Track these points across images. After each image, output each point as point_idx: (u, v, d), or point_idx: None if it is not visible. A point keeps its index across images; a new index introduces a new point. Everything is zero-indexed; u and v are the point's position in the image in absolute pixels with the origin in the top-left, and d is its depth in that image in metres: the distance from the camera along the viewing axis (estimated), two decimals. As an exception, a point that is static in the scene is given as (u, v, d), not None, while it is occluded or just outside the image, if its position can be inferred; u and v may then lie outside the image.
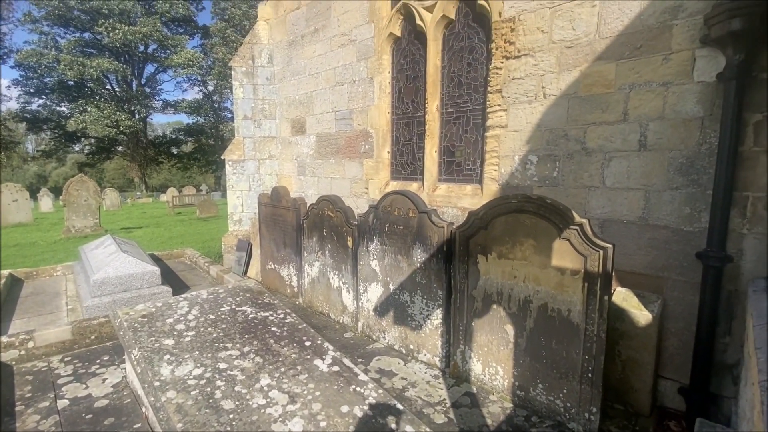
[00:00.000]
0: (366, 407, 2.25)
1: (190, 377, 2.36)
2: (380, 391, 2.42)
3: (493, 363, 2.89)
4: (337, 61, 4.80)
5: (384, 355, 3.52)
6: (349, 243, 3.98)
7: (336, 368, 2.60)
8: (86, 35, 33.15)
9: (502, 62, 3.29)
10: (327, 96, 5.02)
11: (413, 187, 4.20)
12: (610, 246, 2.24)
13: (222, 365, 2.49)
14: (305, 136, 5.48)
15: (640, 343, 2.62)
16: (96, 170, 49.23)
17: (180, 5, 33.40)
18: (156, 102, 38.87)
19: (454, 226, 3.05)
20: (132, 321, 2.85)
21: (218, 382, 2.33)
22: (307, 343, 2.85)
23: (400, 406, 2.22)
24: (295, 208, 4.65)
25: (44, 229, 12.24)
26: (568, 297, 2.46)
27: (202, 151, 44.15)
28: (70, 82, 32.00)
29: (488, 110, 3.42)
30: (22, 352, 3.20)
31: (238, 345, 2.72)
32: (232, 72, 5.88)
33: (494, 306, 2.84)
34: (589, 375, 2.39)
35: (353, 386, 2.43)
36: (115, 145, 38.23)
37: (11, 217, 12.94)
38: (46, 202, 20.05)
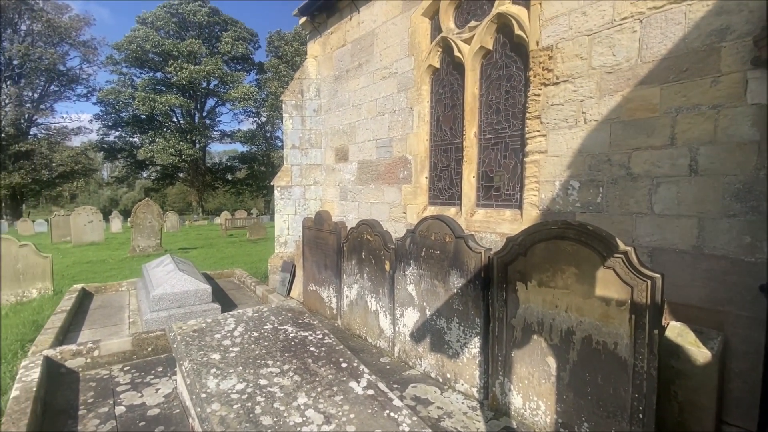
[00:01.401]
0: (399, 433, 2.24)
1: (234, 391, 2.48)
2: (414, 418, 2.40)
3: (534, 397, 2.76)
4: (378, 93, 5.03)
5: (420, 383, 3.48)
6: (387, 266, 4.04)
7: (371, 392, 2.62)
8: (158, 74, 37.09)
9: (541, 89, 3.31)
10: (369, 125, 5.25)
11: (451, 212, 4.22)
12: (659, 276, 2.12)
13: (263, 381, 2.60)
14: (348, 163, 5.72)
15: (698, 383, 2.40)
16: (160, 195, 53.74)
17: (240, 45, 36.57)
18: (214, 132, 42.15)
19: (491, 252, 3.03)
20: (184, 335, 3.07)
21: (258, 398, 2.43)
22: (344, 365, 2.90)
23: (434, 435, 2.18)
24: (336, 232, 4.82)
25: (113, 248, 13.47)
26: (614, 329, 2.33)
27: (254, 177, 46.88)
28: (142, 116, 35.70)
29: (527, 136, 3.42)
30: (88, 360, 3.52)
31: (278, 363, 2.83)
32: (283, 105, 6.33)
33: (535, 336, 2.75)
34: (640, 416, 2.22)
35: (387, 411, 2.43)
36: (178, 171, 41.62)
37: (86, 236, 14.38)
38: (116, 223, 22.06)
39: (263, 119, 44.57)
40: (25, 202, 33.63)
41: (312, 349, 3.08)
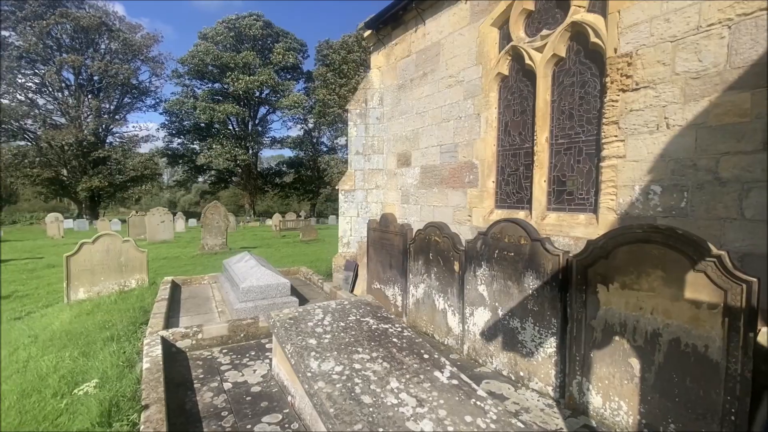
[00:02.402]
0: (488, 420, 2.42)
1: (334, 372, 2.78)
2: (499, 408, 2.57)
3: (615, 397, 2.82)
4: (444, 100, 5.24)
5: (492, 379, 3.61)
6: (456, 267, 4.22)
7: (455, 381, 2.81)
8: (216, 85, 39.74)
9: (619, 95, 3.36)
10: (433, 132, 5.47)
11: (520, 215, 4.32)
12: (755, 280, 2.15)
13: (357, 366, 2.88)
14: (410, 168, 5.97)
15: (797, 390, 2.36)
16: (214, 197, 57.37)
17: (290, 55, 38.33)
18: (265, 139, 44.35)
19: (570, 255, 3.12)
20: (282, 322, 3.44)
21: (356, 380, 2.71)
22: (426, 356, 3.12)
23: (521, 424, 2.35)
24: (402, 233, 5.07)
25: (182, 246, 14.69)
26: (705, 332, 2.37)
27: (300, 182, 48.71)
28: (202, 124, 38.39)
29: (603, 141, 3.48)
30: (194, 342, 4.01)
31: (367, 350, 3.11)
32: (348, 114, 6.72)
33: (616, 338, 2.81)
34: (732, 418, 2.24)
35: (473, 400, 2.61)
36: (232, 176, 44.21)
37: (158, 235, 15.77)
38: (179, 223, 23.92)
39: (310, 126, 46.29)
40: (102, 203, 37.24)
41: (395, 340, 3.33)
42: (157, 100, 38.42)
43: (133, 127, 40.27)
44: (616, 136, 3.39)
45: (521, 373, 3.52)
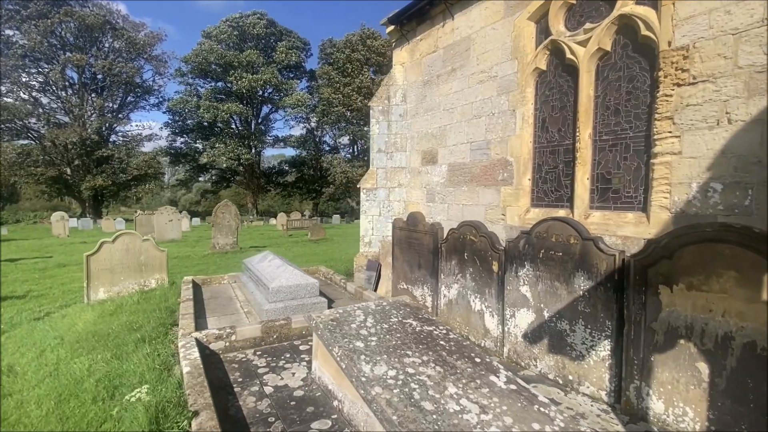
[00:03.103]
0: (556, 428, 2.31)
1: (388, 377, 2.67)
2: (564, 414, 2.47)
3: (680, 403, 2.71)
4: (474, 96, 5.12)
5: (539, 383, 3.50)
6: (495, 267, 4.11)
7: (513, 386, 2.70)
8: (219, 84, 39.59)
9: (673, 89, 3.25)
10: (462, 128, 5.35)
11: (560, 213, 4.21)
12: None
13: (410, 370, 2.77)
14: (436, 165, 5.85)
15: None
16: (215, 196, 57.18)
17: (293, 54, 38.18)
18: (268, 138, 44.20)
19: (627, 255, 3.01)
20: (325, 324, 3.32)
21: (413, 385, 2.60)
22: (477, 360, 3.00)
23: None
24: (433, 233, 4.96)
25: (191, 245, 14.58)
26: (787, 336, 2.25)
27: (303, 181, 48.57)
28: (205, 123, 38.24)
29: (655, 137, 3.36)
30: (227, 344, 3.90)
31: (416, 354, 3.00)
32: (371, 111, 6.60)
33: (681, 341, 2.70)
34: (822, 426, 2.13)
35: (536, 406, 2.50)
36: (234, 175, 44.07)
37: (167, 234, 15.66)
38: (185, 222, 23.79)
39: (313, 124, 46.12)
40: (105, 202, 37.13)
41: (442, 342, 3.22)
42: (161, 99, 38.31)
43: (136, 126, 40.14)
44: (670, 131, 3.27)
45: (570, 376, 3.41)
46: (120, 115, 36.22)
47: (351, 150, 47.78)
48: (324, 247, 13.68)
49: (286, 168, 49.85)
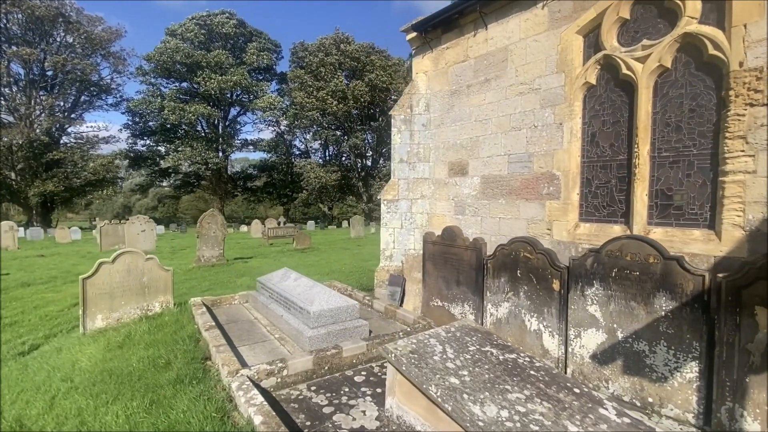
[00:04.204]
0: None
1: (502, 418, 2.44)
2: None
3: (783, 425, 2.68)
4: (513, 108, 5.03)
5: (617, 406, 3.40)
6: (555, 286, 3.99)
7: (627, 419, 2.56)
8: (184, 84, 37.72)
9: (746, 109, 3.28)
10: (498, 140, 5.24)
11: (615, 229, 4.17)
12: None
13: (520, 408, 2.56)
14: (466, 177, 5.71)
15: None
16: (175, 201, 54.24)
17: (264, 56, 37.10)
18: (237, 141, 42.60)
19: (720, 276, 2.98)
20: (407, 357, 3.04)
21: (532, 426, 2.39)
22: (576, 390, 2.83)
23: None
24: (476, 248, 4.79)
25: (167, 258, 13.55)
26: None
27: (273, 186, 47.21)
28: (168, 125, 36.24)
29: (727, 156, 3.38)
30: (278, 380, 3.50)
31: (516, 388, 2.79)
32: (392, 120, 6.36)
33: (784, 362, 2.68)
34: None
35: (662, 441, 2.36)
36: (199, 180, 42.06)
37: (139, 245, 14.46)
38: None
39: (283, 128, 45.01)
40: (56, 209, 34.11)
41: (532, 372, 3.03)
42: (120, 99, 35.85)
43: (90, 126, 37.18)
44: (743, 150, 3.30)
45: (650, 399, 3.34)
46: (73, 115, 33.48)
47: (323, 154, 47.10)
48: (315, 257, 13.18)
49: (255, 172, 48.27)
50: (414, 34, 6.29)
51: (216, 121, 39.37)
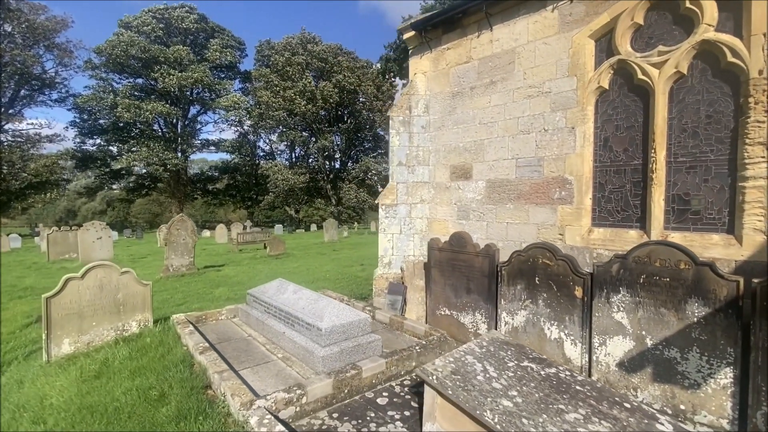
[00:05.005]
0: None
1: (571, 445, 2.25)
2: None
3: (825, 430, 2.70)
4: (521, 111, 4.94)
5: (649, 415, 3.34)
6: (578, 293, 3.90)
7: (685, 435, 2.46)
8: (139, 80, 35.37)
9: (765, 116, 3.34)
10: (504, 144, 5.14)
11: (631, 234, 4.17)
12: None
13: (581, 430, 2.39)
14: (470, 181, 5.57)
15: None
16: (127, 205, 50.57)
17: (228, 53, 35.59)
18: (197, 141, 40.55)
19: (755, 281, 2.98)
20: (447, 379, 2.78)
21: (604, 451, 2.22)
22: (627, 405, 2.72)
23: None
24: (488, 255, 4.64)
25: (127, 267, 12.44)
26: None
27: (236, 188, 45.37)
28: (121, 124, 33.79)
29: (747, 162, 3.43)
30: (297, 409, 3.13)
31: (570, 407, 2.62)
32: (390, 121, 6.11)
33: (825, 367, 2.70)
34: None
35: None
36: (156, 182, 39.60)
37: (95, 254, 13.22)
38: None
39: (246, 128, 43.43)
40: (-10, 215, 30.72)
41: (578, 387, 2.88)
42: (66, 94, 32.88)
43: (31, 124, 33.85)
44: (762, 156, 3.36)
45: (682, 406, 3.30)
46: (11, 111, 30.31)
47: (289, 156, 45.91)
48: (293, 264, 12.62)
49: (216, 174, 46.16)
50: (412, 33, 6.09)
51: (175, 120, 37.21)
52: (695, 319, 3.21)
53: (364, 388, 3.59)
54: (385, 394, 3.59)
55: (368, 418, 3.19)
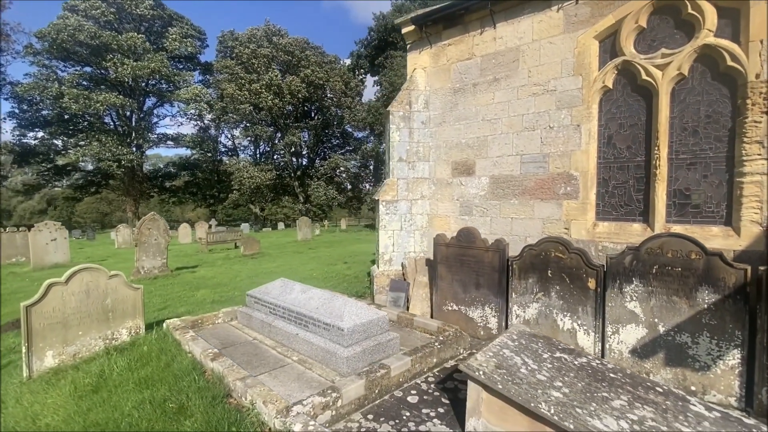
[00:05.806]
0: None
1: (625, 430, 2.33)
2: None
3: (825, 402, 2.98)
4: (526, 109, 5.05)
5: (664, 398, 3.53)
6: (591, 284, 4.05)
7: (716, 413, 2.63)
8: (87, 69, 32.72)
9: (762, 117, 3.62)
10: (509, 140, 5.23)
11: (635, 227, 4.38)
12: None
13: (631, 416, 2.49)
14: (473, 177, 5.62)
15: None
16: (72, 204, 46.65)
17: (188, 43, 33.76)
18: (153, 136, 38.20)
19: (762, 268, 3.22)
20: (495, 374, 2.78)
21: (657, 436, 2.31)
22: (659, 389, 2.85)
23: None
24: (498, 249, 4.71)
25: (90, 271, 11.48)
26: None
27: (197, 186, 43.27)
28: (66, 115, 31.14)
29: (744, 158, 3.71)
30: (333, 413, 3.01)
31: (612, 394, 2.71)
32: (390, 116, 6.03)
33: (826, 345, 2.97)
34: None
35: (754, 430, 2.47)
36: (107, 179, 36.92)
37: (49, 258, 12.13)
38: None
39: (206, 122, 41.50)
40: None
41: (612, 375, 2.99)
42: (2, 82, 29.70)
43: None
44: (759, 154, 3.64)
45: (693, 387, 3.52)
46: (-67, 99, 26.96)
47: (253, 152, 44.41)
48: (271, 264, 12.20)
49: (174, 171, 43.68)
50: (411, 28, 6.04)
51: (129, 113, 34.79)
52: (705, 306, 3.43)
53: (392, 387, 3.52)
54: (413, 392, 3.54)
55: (404, 417, 3.13)
